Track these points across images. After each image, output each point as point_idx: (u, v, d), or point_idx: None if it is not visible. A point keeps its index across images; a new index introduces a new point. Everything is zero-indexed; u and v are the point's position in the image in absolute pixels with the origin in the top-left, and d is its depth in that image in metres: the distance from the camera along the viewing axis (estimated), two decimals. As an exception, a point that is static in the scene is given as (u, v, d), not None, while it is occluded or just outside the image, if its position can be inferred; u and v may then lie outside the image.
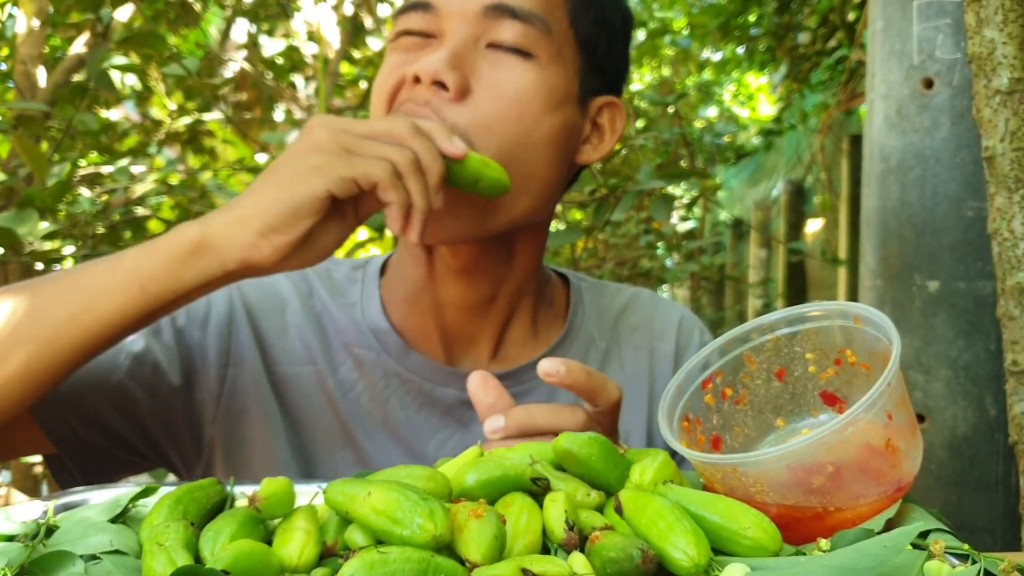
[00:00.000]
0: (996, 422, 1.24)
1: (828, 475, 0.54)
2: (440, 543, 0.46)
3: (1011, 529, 1.23)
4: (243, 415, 0.91)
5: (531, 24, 0.86)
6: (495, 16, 0.85)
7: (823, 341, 0.64)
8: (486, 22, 0.85)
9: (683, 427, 0.63)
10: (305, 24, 3.56)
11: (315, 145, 0.73)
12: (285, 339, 0.93)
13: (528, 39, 0.86)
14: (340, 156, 0.72)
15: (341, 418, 0.91)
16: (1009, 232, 0.91)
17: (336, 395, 0.92)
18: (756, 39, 3.85)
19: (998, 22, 0.90)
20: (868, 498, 0.56)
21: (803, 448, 0.53)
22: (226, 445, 0.91)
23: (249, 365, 0.92)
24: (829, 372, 0.64)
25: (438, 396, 0.92)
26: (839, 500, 0.55)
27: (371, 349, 0.93)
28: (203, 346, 0.91)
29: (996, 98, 0.91)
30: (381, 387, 0.92)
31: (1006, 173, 0.91)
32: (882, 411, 0.55)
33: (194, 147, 2.49)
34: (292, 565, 0.48)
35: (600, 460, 0.58)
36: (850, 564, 0.43)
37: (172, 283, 0.72)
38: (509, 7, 0.85)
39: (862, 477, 0.55)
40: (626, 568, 0.46)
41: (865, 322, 0.61)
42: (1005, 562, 0.46)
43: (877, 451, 0.56)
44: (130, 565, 0.50)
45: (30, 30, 1.88)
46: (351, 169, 0.72)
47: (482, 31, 0.85)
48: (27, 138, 1.60)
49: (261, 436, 0.90)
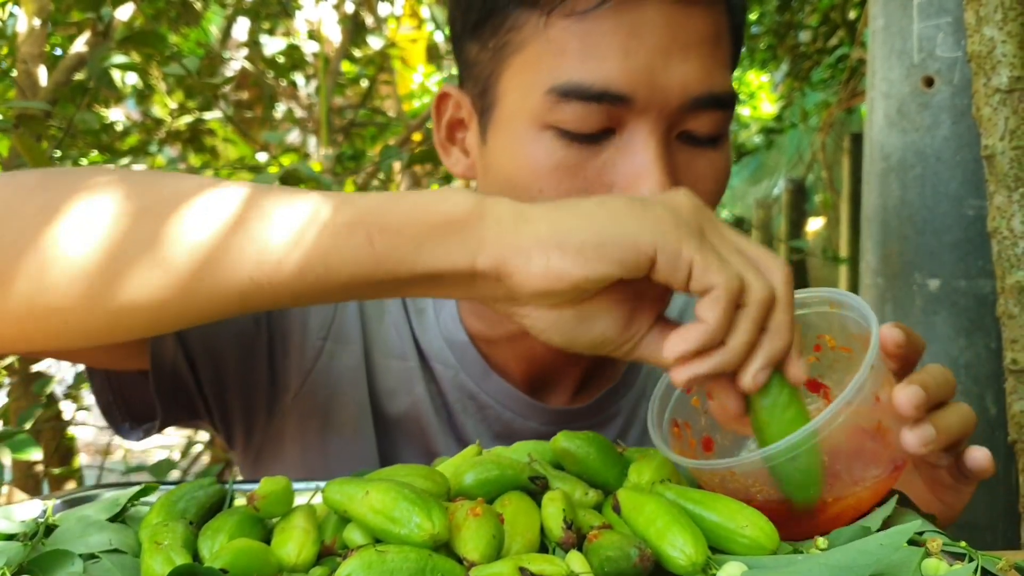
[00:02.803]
0: (996, 420, 1.24)
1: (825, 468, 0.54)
2: (438, 542, 0.47)
3: (1011, 527, 1.23)
4: (333, 396, 0.82)
5: (730, 110, 0.73)
6: (697, 107, 0.70)
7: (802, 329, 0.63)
8: (680, 115, 0.71)
9: (673, 432, 0.63)
10: (306, 23, 3.57)
11: (672, 202, 0.56)
12: (382, 325, 0.84)
13: (723, 125, 0.73)
14: (692, 229, 0.55)
15: (422, 426, 0.84)
16: (1008, 231, 0.91)
17: (421, 400, 0.84)
18: (757, 37, 3.85)
19: (997, 20, 0.90)
20: (867, 482, 0.56)
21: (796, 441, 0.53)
22: (305, 424, 0.83)
23: (351, 345, 0.83)
24: (810, 359, 0.64)
25: (517, 428, 0.82)
26: (838, 488, 0.55)
27: (448, 366, 0.83)
28: (305, 311, 0.82)
29: (996, 97, 0.91)
30: (458, 409, 0.84)
31: (1005, 172, 0.91)
32: (870, 393, 0.55)
33: (195, 146, 2.49)
34: (290, 564, 0.49)
35: (598, 459, 0.58)
36: (847, 562, 0.43)
37: (410, 257, 0.56)
38: (716, 96, 0.71)
39: (858, 462, 0.56)
40: (624, 567, 0.46)
41: (840, 306, 0.61)
42: (1003, 561, 0.46)
43: (869, 434, 0.57)
44: (129, 564, 0.50)
45: (31, 29, 1.88)
46: (692, 248, 0.54)
47: (674, 124, 0.71)
48: (28, 137, 1.60)
49: (348, 423, 0.82)
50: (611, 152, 0.70)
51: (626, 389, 0.88)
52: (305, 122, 3.54)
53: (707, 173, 0.73)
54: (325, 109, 2.98)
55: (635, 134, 0.70)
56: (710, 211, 0.58)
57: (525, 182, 0.71)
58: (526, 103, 0.71)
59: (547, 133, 0.70)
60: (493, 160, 0.76)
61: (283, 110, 3.59)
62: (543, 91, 0.70)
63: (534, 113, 0.71)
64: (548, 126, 0.70)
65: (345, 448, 0.83)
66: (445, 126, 0.83)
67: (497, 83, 0.74)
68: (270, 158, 2.72)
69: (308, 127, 3.57)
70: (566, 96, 0.68)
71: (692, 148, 0.72)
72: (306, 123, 3.54)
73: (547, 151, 0.70)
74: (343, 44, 3.27)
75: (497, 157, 0.75)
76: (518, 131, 0.72)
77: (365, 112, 3.43)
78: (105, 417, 0.82)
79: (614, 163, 0.70)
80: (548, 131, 0.70)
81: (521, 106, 0.72)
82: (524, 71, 0.72)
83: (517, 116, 0.72)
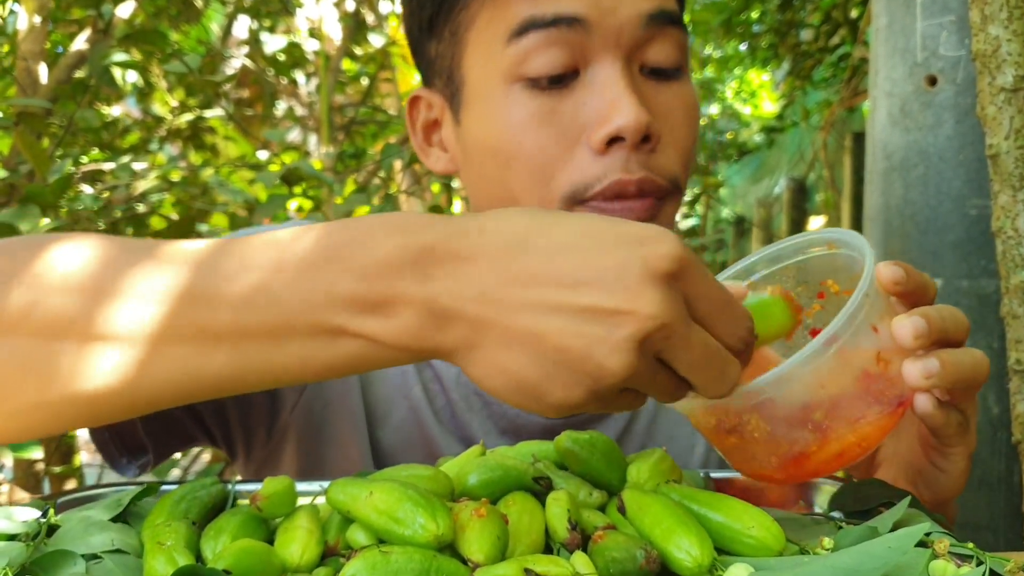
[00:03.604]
0: (999, 420, 1.23)
1: (822, 403, 0.53)
2: (442, 543, 0.46)
3: (1013, 527, 1.22)
4: (328, 407, 0.82)
5: (684, 34, 0.74)
6: (652, 29, 0.72)
7: (805, 275, 0.61)
8: (641, 38, 0.72)
9: None
10: (307, 20, 3.56)
11: (653, 273, 0.46)
12: None
13: (682, 49, 0.74)
14: (683, 325, 0.47)
15: (423, 429, 0.83)
16: (1013, 230, 0.91)
17: (419, 404, 0.83)
18: (759, 36, 3.84)
19: (1003, 19, 0.90)
20: (869, 417, 0.54)
21: (790, 371, 0.51)
22: (302, 436, 0.83)
23: None
24: (815, 307, 0.62)
25: (523, 424, 0.82)
26: (839, 428, 0.53)
27: (450, 365, 0.80)
28: None
29: (1000, 95, 0.90)
30: (463, 408, 0.83)
31: (1010, 171, 0.90)
32: (865, 323, 0.53)
33: (196, 144, 2.49)
34: (294, 565, 0.48)
35: (602, 459, 0.58)
36: (854, 565, 0.43)
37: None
38: (668, 13, 0.72)
39: (858, 400, 0.53)
40: (629, 568, 0.46)
41: (839, 245, 0.58)
42: (1011, 562, 0.46)
43: (868, 367, 0.54)
44: (131, 564, 0.49)
45: (31, 26, 1.88)
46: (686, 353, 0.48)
47: (633, 53, 0.72)
48: (28, 135, 1.60)
49: (344, 432, 0.82)
50: (580, 93, 0.72)
51: None
52: (306, 120, 3.54)
53: (675, 104, 0.74)
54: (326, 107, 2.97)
55: (599, 69, 0.71)
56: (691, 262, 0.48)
57: (503, 143, 0.73)
58: (490, 66, 0.74)
59: (516, 87, 0.72)
60: (470, 137, 0.77)
61: (284, 108, 3.58)
62: (503, 44, 0.72)
63: (500, 71, 0.73)
64: (515, 79, 0.72)
65: (343, 459, 0.82)
66: (421, 130, 0.84)
67: (461, 63, 0.77)
68: (271, 156, 2.72)
69: (309, 125, 3.56)
70: (523, 33, 0.71)
71: (657, 82, 0.74)
72: (307, 121, 3.54)
73: (519, 103, 0.72)
74: (344, 42, 3.27)
75: (474, 132, 0.76)
76: (489, 96, 0.74)
77: (366, 110, 3.43)
78: (101, 452, 0.79)
79: (584, 103, 0.72)
80: (516, 84, 0.72)
81: (486, 71, 0.74)
82: (481, 39, 0.74)
83: (485, 83, 0.74)
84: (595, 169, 0.72)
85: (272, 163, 2.47)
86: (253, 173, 2.52)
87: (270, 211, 1.91)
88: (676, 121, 0.74)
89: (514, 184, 0.75)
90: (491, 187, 0.77)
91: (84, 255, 0.54)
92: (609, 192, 0.72)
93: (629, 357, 0.46)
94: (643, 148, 0.72)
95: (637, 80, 0.72)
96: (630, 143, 0.71)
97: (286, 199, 1.93)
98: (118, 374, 0.52)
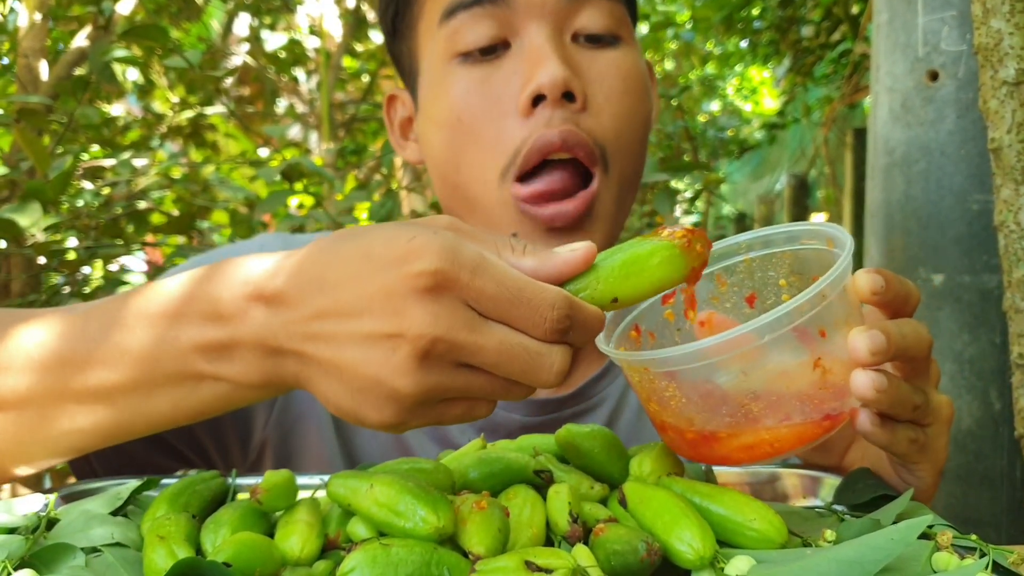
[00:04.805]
0: (1001, 416, 1.23)
1: (741, 390, 0.51)
2: (443, 535, 0.46)
3: (1015, 523, 1.22)
4: (299, 421, 0.83)
5: (621, 3, 0.77)
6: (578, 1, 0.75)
7: (801, 267, 0.59)
8: (567, 7, 0.75)
9: (631, 336, 0.58)
10: (307, 18, 3.56)
11: (414, 291, 0.47)
12: None
13: (616, 19, 0.76)
14: (465, 332, 0.47)
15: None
16: (1016, 224, 0.91)
17: None
18: (759, 32, 3.84)
19: (1005, 12, 0.89)
20: (790, 421, 0.51)
21: (710, 346, 0.49)
22: (279, 450, 0.84)
23: None
24: None
25: (500, 421, 0.82)
26: (756, 420, 0.51)
27: None
28: None
29: (1003, 89, 0.90)
30: None
31: (1013, 165, 0.90)
32: (812, 324, 0.50)
33: (196, 141, 2.48)
34: (294, 558, 0.48)
35: (603, 452, 0.58)
36: (856, 557, 0.43)
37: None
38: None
39: (782, 401, 0.51)
40: (630, 561, 0.46)
41: (838, 244, 0.56)
42: (1014, 554, 0.45)
43: (804, 371, 0.51)
44: (131, 558, 0.49)
45: (32, 23, 1.88)
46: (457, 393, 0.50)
47: (563, 22, 0.76)
48: (29, 131, 1.60)
49: (315, 443, 0.83)
50: (511, 62, 0.75)
51: (613, 376, 0.86)
52: (307, 117, 3.53)
53: (608, 71, 0.76)
54: (326, 104, 2.97)
55: (526, 37, 0.75)
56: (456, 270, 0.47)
57: (447, 116, 0.77)
58: (433, 50, 0.79)
59: (452, 63, 0.77)
60: (425, 119, 0.82)
61: (284, 105, 3.58)
62: (437, 27, 0.77)
63: (439, 53, 0.78)
64: (452, 56, 0.77)
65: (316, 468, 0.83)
66: (398, 126, 0.90)
67: (415, 54, 0.83)
68: (272, 153, 2.72)
69: (310, 122, 3.56)
70: (452, 14, 0.76)
71: (591, 49, 0.76)
72: (308, 118, 3.54)
73: (457, 78, 0.76)
74: (344, 39, 3.27)
75: (427, 113, 0.81)
76: (434, 78, 0.79)
77: (367, 107, 3.43)
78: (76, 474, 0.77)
79: (515, 70, 0.75)
80: (453, 61, 0.77)
81: (431, 57, 0.79)
82: (426, 28, 0.80)
83: (431, 67, 0.79)
84: (523, 131, 0.75)
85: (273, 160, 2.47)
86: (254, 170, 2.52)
87: (271, 207, 1.91)
88: (610, 87, 0.75)
89: (460, 159, 0.78)
90: (443, 167, 0.80)
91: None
92: (534, 152, 0.74)
93: (415, 376, 0.48)
94: (568, 107, 0.73)
95: (568, 47, 0.75)
96: (551, 99, 0.73)
97: (287, 195, 1.93)
98: (16, 435, 0.59)
